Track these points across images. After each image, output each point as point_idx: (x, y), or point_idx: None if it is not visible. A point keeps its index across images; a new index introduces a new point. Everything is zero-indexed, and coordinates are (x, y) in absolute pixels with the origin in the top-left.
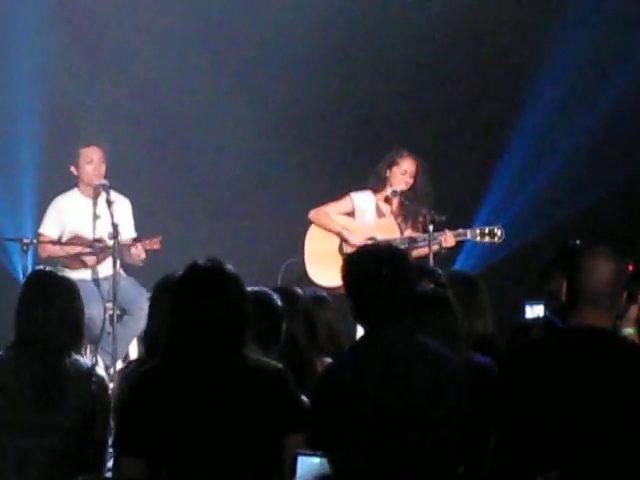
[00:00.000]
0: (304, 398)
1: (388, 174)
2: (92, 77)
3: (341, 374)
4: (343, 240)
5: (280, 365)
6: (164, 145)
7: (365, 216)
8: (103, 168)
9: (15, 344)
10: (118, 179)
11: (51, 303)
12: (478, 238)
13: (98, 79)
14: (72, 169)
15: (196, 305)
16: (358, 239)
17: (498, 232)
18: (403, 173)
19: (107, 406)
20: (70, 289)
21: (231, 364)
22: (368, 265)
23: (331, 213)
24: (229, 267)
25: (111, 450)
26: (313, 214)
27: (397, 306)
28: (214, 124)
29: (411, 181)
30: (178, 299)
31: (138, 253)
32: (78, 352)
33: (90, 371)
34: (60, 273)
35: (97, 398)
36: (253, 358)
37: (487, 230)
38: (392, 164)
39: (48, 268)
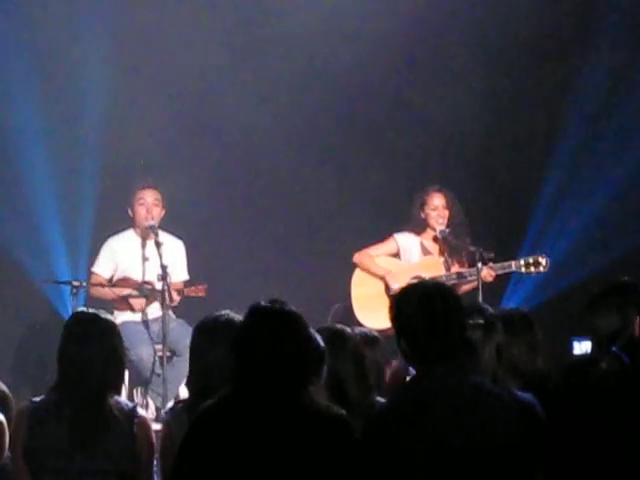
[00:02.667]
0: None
1: (423, 216)
2: (152, 118)
3: (394, 414)
4: (386, 285)
5: (343, 411)
6: (216, 189)
7: (411, 256)
8: (156, 211)
9: (57, 386)
10: (173, 221)
11: (93, 344)
12: (523, 269)
13: (158, 120)
14: (129, 211)
15: (263, 346)
16: (401, 282)
17: (542, 261)
18: (435, 209)
19: (151, 447)
20: (111, 329)
21: (293, 407)
22: (415, 302)
23: (375, 255)
24: (292, 307)
25: None
26: (357, 257)
27: (448, 344)
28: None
29: (446, 214)
30: (243, 340)
31: (173, 299)
32: (118, 393)
33: (132, 412)
34: (102, 314)
35: (140, 439)
36: (316, 402)
37: (531, 260)
38: (423, 204)
39: (91, 310)
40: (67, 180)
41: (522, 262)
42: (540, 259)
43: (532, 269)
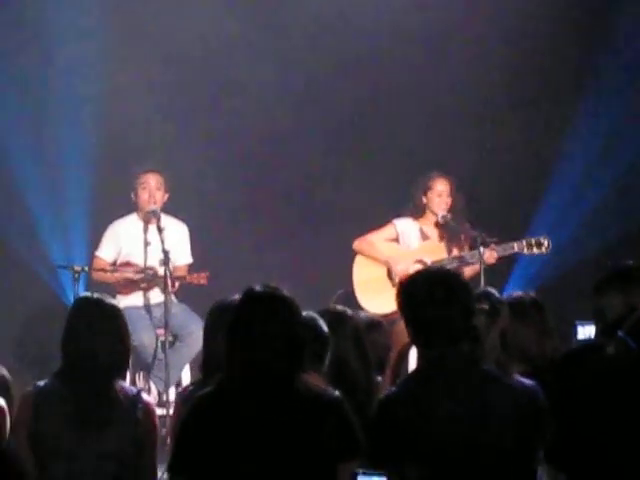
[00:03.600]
0: (358, 424)
1: (425, 200)
2: (154, 99)
3: (403, 399)
4: (389, 270)
5: (337, 393)
6: (220, 174)
7: (410, 241)
8: (159, 194)
9: (61, 372)
10: (175, 205)
11: (98, 329)
12: (525, 250)
13: (160, 101)
14: (132, 195)
15: (254, 329)
16: (405, 266)
17: (545, 242)
18: (439, 195)
19: (154, 432)
20: (116, 314)
21: (288, 391)
22: (422, 290)
23: (375, 241)
24: (286, 292)
25: (160, 476)
26: (357, 244)
27: (455, 329)
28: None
29: (449, 200)
30: (235, 323)
31: (172, 284)
32: (123, 378)
33: (136, 397)
34: (106, 299)
35: (144, 424)
36: (311, 385)
37: (533, 241)
38: (426, 189)
39: (95, 295)
40: (65, 165)
41: (524, 243)
42: (542, 240)
43: (534, 250)
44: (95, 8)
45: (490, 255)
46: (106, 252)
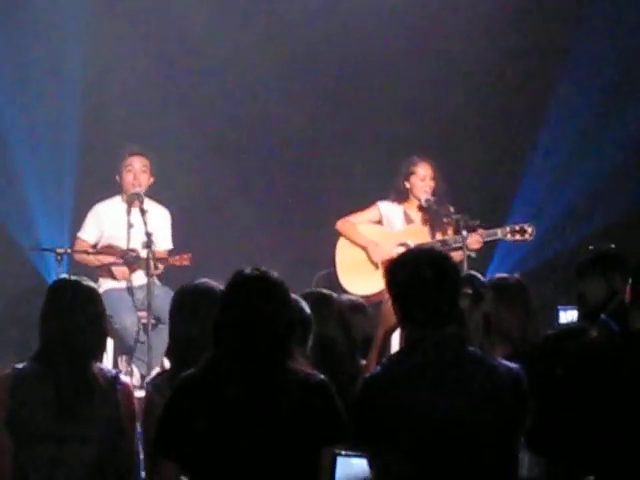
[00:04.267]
0: (343, 407)
1: (408, 185)
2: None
3: (386, 381)
4: (368, 255)
5: (322, 376)
6: (203, 157)
7: (393, 223)
8: (144, 177)
9: (39, 354)
10: (159, 189)
11: (75, 310)
12: (509, 236)
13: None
14: (117, 177)
15: (246, 312)
16: (388, 248)
17: (529, 229)
18: (423, 179)
19: (133, 414)
20: (94, 296)
21: (275, 374)
22: (410, 270)
23: (358, 222)
24: (275, 275)
25: (142, 458)
26: (340, 225)
27: (442, 309)
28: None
29: (432, 184)
30: (224, 305)
31: (155, 265)
32: (100, 360)
33: (115, 379)
34: (84, 281)
35: (123, 406)
36: (297, 369)
37: (517, 227)
38: (409, 174)
39: (73, 277)
40: (49, 146)
41: (508, 229)
42: (526, 227)
43: (518, 237)
44: None
45: (475, 240)
46: (88, 234)
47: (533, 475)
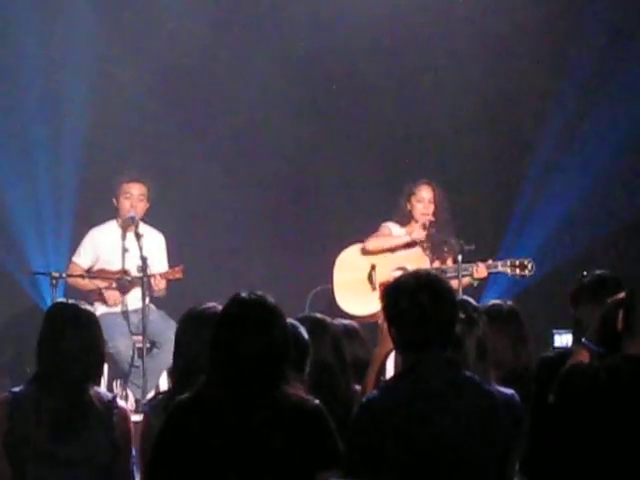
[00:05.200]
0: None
1: (409, 207)
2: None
3: (384, 407)
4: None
5: (317, 402)
6: (190, 175)
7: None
8: (142, 205)
9: (36, 378)
10: (154, 212)
11: (73, 335)
12: (509, 270)
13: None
14: (113, 201)
15: (242, 338)
16: (386, 271)
17: (529, 265)
18: (420, 201)
19: (129, 437)
20: (91, 320)
21: (270, 398)
22: (406, 294)
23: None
24: (272, 300)
25: None
26: (371, 244)
27: (438, 334)
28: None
29: (431, 207)
30: (219, 329)
31: (157, 283)
32: (98, 384)
33: (111, 403)
34: (81, 305)
35: (119, 430)
36: (292, 394)
37: (517, 262)
38: (410, 195)
39: (70, 300)
40: (46, 170)
41: (508, 263)
42: (526, 263)
43: (517, 271)
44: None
45: (481, 270)
46: (83, 258)
47: None
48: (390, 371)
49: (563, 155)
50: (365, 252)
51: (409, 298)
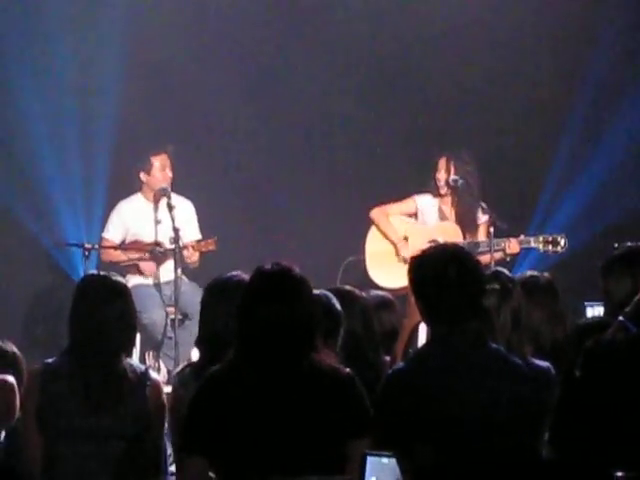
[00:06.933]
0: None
1: (436, 180)
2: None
3: (412, 377)
4: (397, 251)
5: (349, 370)
6: (224, 146)
7: (427, 218)
8: (169, 174)
9: (69, 349)
10: (181, 181)
11: (105, 306)
12: (541, 246)
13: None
14: (141, 175)
15: (266, 310)
16: (419, 243)
17: (561, 241)
18: (439, 171)
19: (162, 410)
20: (122, 291)
21: (300, 369)
22: (434, 267)
23: (393, 214)
24: (297, 270)
25: (170, 453)
26: (375, 214)
27: (465, 308)
28: (268, 128)
29: (445, 176)
30: (247, 303)
31: (189, 255)
32: (130, 356)
33: (144, 375)
34: (113, 276)
35: (152, 402)
36: (323, 363)
37: (550, 238)
38: (435, 170)
39: (102, 272)
40: (79, 143)
41: (541, 239)
42: (559, 239)
43: (550, 247)
44: None
45: (513, 245)
46: (113, 233)
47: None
48: (422, 342)
49: (595, 129)
50: (397, 223)
51: (435, 270)
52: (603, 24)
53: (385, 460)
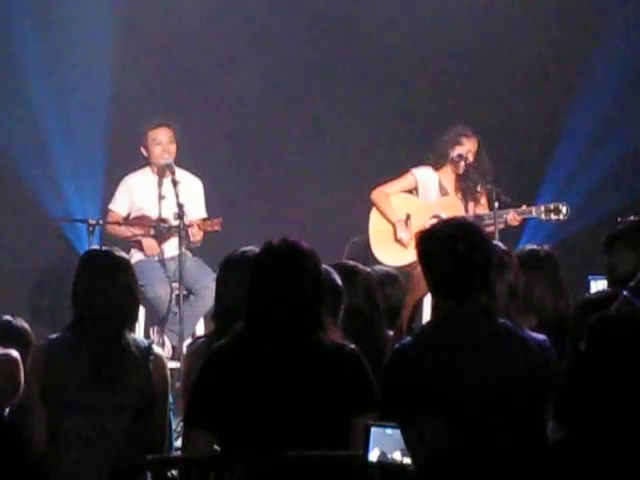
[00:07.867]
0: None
1: (451, 153)
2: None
3: (416, 349)
4: (395, 233)
5: (354, 346)
6: (231, 125)
7: (428, 193)
8: (172, 148)
9: (73, 324)
10: (189, 158)
11: (109, 281)
12: (543, 215)
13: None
14: (142, 150)
15: (274, 284)
16: (421, 220)
17: (563, 209)
18: (467, 152)
19: (166, 384)
20: (125, 266)
21: (306, 343)
22: (442, 242)
23: (393, 192)
24: (305, 245)
25: (175, 428)
26: (375, 195)
27: (473, 281)
28: (275, 105)
29: (472, 159)
30: (254, 277)
31: (195, 234)
32: (133, 330)
33: (148, 349)
34: (115, 251)
35: (156, 376)
36: (329, 338)
37: (552, 207)
38: (456, 143)
39: (104, 247)
40: (82, 116)
41: (542, 208)
42: (560, 207)
43: (552, 216)
44: None
45: (513, 217)
46: (120, 206)
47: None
48: (427, 317)
49: (606, 107)
50: (399, 201)
51: (444, 244)
52: None
53: (389, 431)
